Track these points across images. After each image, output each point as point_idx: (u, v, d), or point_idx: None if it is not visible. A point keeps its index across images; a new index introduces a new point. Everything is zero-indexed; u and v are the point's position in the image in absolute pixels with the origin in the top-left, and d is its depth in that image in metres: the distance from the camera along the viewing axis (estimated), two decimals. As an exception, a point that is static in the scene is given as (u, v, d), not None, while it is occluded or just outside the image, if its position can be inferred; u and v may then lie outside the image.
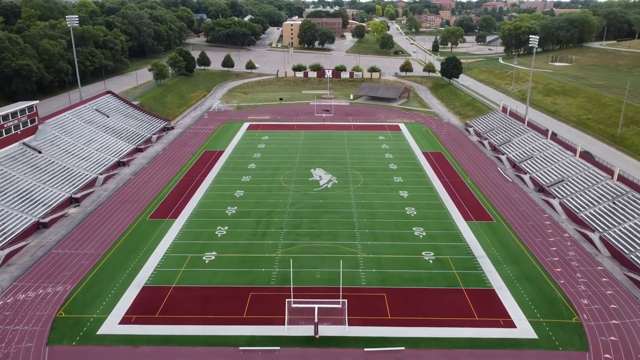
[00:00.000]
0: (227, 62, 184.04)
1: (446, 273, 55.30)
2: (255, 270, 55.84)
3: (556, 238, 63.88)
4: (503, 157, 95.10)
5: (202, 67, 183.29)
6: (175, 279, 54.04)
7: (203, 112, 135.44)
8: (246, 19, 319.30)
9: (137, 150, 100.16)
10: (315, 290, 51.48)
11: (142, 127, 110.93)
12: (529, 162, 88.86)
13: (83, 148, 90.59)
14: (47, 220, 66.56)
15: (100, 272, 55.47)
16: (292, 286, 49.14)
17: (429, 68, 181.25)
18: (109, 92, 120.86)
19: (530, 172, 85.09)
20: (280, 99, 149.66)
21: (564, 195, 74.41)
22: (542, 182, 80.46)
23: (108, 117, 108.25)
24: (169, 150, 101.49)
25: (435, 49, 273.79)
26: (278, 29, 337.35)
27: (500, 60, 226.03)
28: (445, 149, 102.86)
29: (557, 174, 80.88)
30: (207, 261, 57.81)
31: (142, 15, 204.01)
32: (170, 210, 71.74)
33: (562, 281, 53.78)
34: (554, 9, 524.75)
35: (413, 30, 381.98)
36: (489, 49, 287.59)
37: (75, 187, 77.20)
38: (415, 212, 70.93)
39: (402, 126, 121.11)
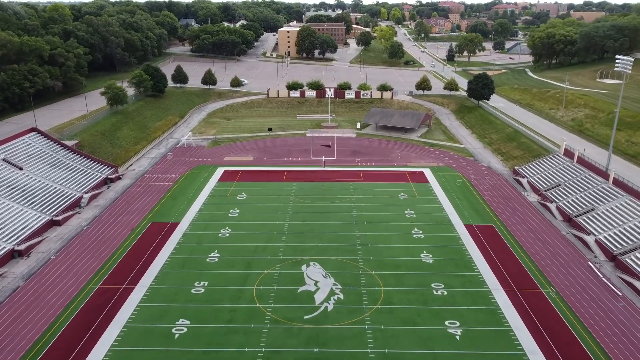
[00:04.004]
0: (208, 79, 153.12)
1: None
2: None
3: None
4: (589, 239, 63.81)
5: (178, 85, 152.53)
6: None
7: (167, 150, 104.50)
8: (238, 24, 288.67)
9: (54, 223, 69.18)
10: None
11: (72, 182, 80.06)
12: (639, 255, 57.62)
13: (-43, 231, 59.73)
14: None
15: None
16: None
17: (451, 86, 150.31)
18: (33, 129, 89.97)
19: (649, 278, 53.90)
20: (269, 130, 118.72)
21: None
22: (680, 304, 49.22)
23: (21, 169, 77.36)
24: (100, 221, 70.52)
25: (450, 58, 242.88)
26: (274, 35, 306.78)
27: (530, 73, 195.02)
28: (497, 218, 71.70)
29: (703, 291, 49.67)
30: None
31: (110, 22, 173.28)
32: (50, 379, 40.79)
33: None
34: (570, 12, 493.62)
35: (422, 35, 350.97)
36: (510, 58, 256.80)
37: None
38: (483, 386, 39.83)
39: (428, 174, 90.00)
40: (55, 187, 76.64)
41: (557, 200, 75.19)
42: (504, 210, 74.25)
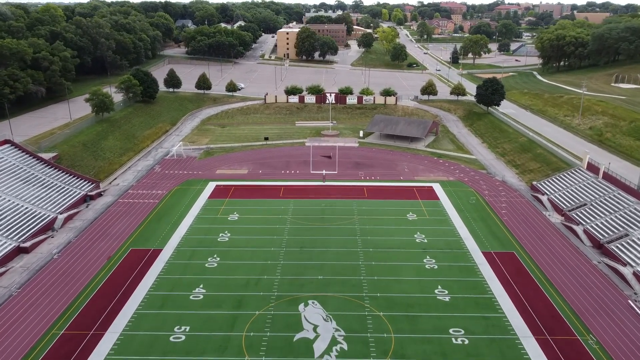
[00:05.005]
0: (203, 84, 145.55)
1: None
2: None
3: None
4: (626, 272, 56.17)
5: (171, 90, 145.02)
6: None
7: (155, 162, 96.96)
8: (236, 25, 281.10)
9: (21, 250, 61.62)
10: None
11: (46, 201, 72.51)
12: (688, 293, 50.06)
13: None
14: None
15: None
16: None
17: (458, 90, 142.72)
18: (7, 141, 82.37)
19: (703, 324, 46.26)
20: (266, 139, 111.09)
21: None
22: None
23: (-11, 187, 69.90)
24: (74, 247, 62.96)
25: (454, 60, 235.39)
26: (273, 36, 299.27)
27: (538, 76, 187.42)
28: (518, 243, 64.11)
29: None
30: None
31: (101, 23, 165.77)
32: None
33: None
34: (573, 12, 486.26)
35: (425, 37, 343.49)
36: (516, 60, 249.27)
37: None
38: None
39: (438, 189, 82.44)
40: (27, 207, 69.07)
41: (583, 223, 67.56)
42: (524, 234, 66.63)
